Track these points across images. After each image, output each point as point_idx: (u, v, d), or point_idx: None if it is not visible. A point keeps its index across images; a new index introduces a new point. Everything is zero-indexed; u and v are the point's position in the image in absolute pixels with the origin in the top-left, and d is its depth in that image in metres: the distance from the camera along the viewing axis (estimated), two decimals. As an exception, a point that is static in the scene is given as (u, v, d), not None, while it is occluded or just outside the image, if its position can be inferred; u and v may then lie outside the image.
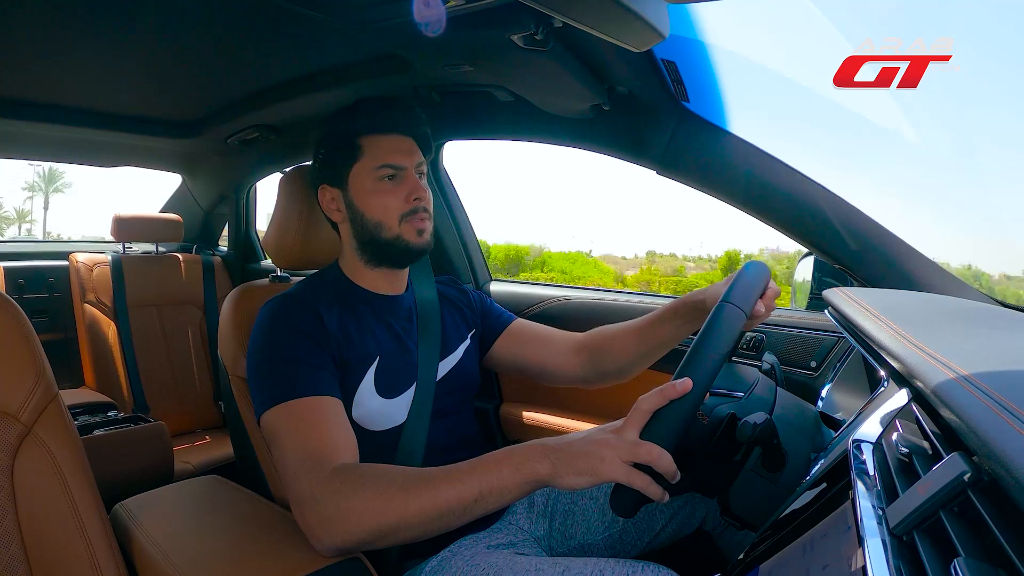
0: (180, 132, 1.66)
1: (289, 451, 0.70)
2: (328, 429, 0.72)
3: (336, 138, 0.89)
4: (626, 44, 0.73)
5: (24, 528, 0.64)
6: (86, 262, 1.92)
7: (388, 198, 0.86)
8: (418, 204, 0.87)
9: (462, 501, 0.62)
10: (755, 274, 0.71)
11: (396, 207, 0.86)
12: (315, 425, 0.72)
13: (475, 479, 0.62)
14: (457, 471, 0.64)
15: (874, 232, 0.93)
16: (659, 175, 1.07)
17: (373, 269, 0.91)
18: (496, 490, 0.62)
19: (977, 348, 0.54)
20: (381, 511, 0.62)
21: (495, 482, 0.62)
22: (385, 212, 0.87)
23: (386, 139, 0.87)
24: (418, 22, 0.78)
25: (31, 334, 0.70)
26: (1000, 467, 0.30)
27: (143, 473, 1.36)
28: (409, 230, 0.87)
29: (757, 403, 0.76)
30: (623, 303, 1.38)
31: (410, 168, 0.88)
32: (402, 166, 0.87)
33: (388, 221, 0.87)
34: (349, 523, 0.63)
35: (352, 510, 0.63)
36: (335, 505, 0.64)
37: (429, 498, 0.62)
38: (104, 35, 1.02)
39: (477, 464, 0.64)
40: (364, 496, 0.63)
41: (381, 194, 0.87)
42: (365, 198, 0.87)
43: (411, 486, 0.63)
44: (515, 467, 0.62)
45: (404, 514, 0.62)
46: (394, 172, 0.87)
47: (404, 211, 0.87)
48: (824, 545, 0.44)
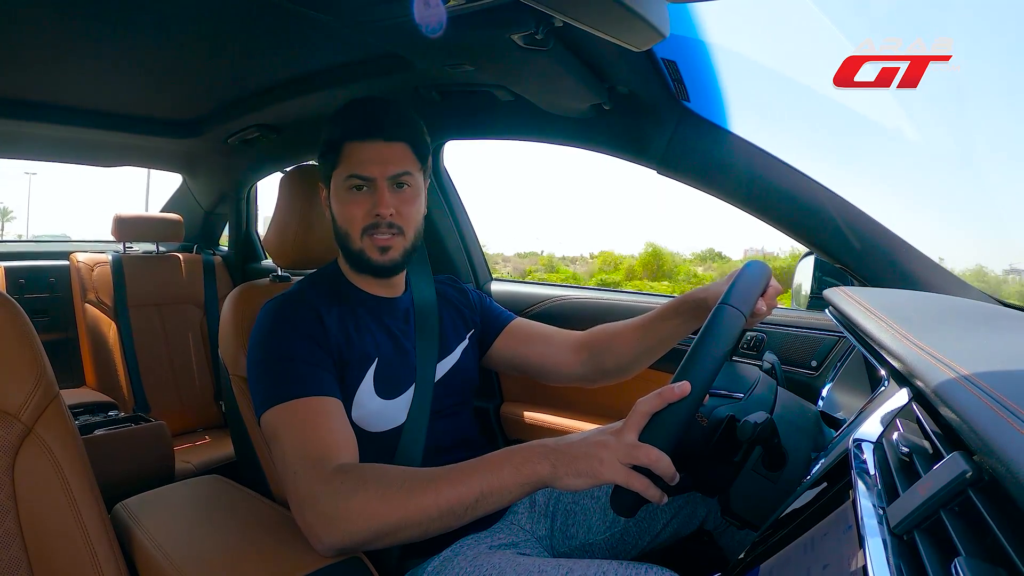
0: (181, 132, 1.66)
1: (289, 451, 0.70)
2: (328, 429, 0.72)
3: (327, 140, 0.87)
4: (627, 44, 0.73)
5: (25, 528, 0.64)
6: (87, 262, 1.92)
7: (352, 209, 0.84)
8: (379, 219, 0.83)
9: (463, 501, 0.62)
10: (755, 273, 0.71)
11: (359, 219, 0.84)
12: (315, 425, 0.72)
13: (476, 479, 0.62)
14: (458, 471, 0.64)
15: (875, 231, 0.93)
16: (659, 174, 1.07)
17: (357, 274, 0.91)
18: (497, 490, 0.62)
19: (978, 347, 0.54)
20: (382, 511, 0.62)
21: (496, 482, 0.62)
22: (349, 223, 0.84)
23: (363, 147, 0.83)
24: (418, 22, 0.78)
25: (32, 334, 0.70)
26: (1001, 466, 0.30)
27: (144, 473, 1.36)
28: (370, 246, 0.84)
29: (757, 403, 0.76)
30: (624, 302, 1.38)
31: (379, 179, 0.83)
32: (369, 177, 0.83)
33: (352, 233, 0.85)
34: (349, 523, 0.63)
35: (352, 510, 0.63)
36: (335, 505, 0.64)
37: (430, 498, 0.62)
38: (105, 35, 1.02)
39: (478, 464, 0.64)
40: (365, 496, 0.63)
41: (347, 205, 0.84)
42: (337, 206, 0.86)
43: (412, 486, 0.63)
44: (516, 468, 0.62)
45: (405, 514, 0.62)
46: (361, 183, 0.83)
47: (365, 224, 0.84)
48: (825, 544, 0.44)
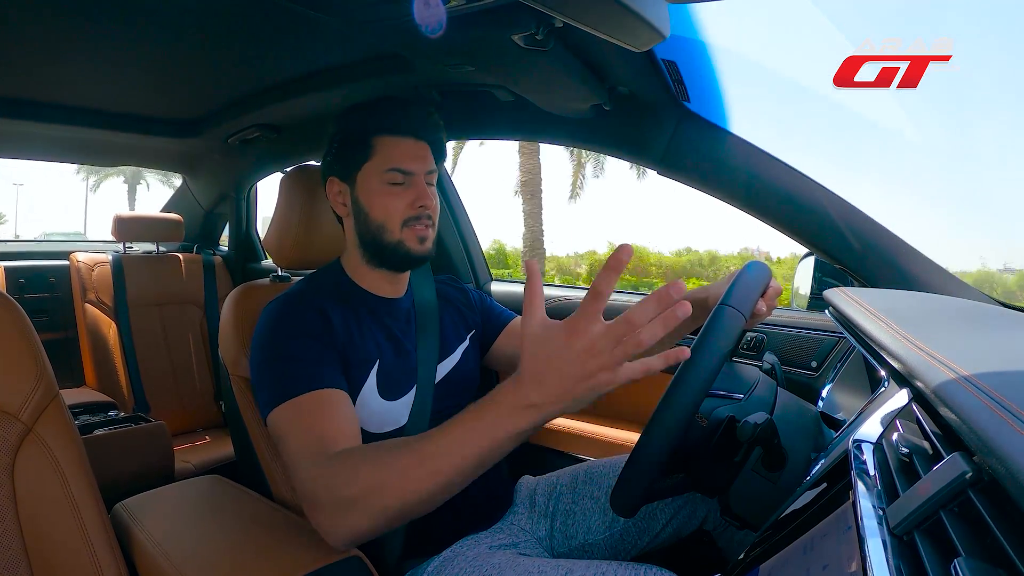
0: (181, 131, 1.66)
1: (294, 448, 0.69)
2: (329, 417, 0.71)
3: (350, 134, 0.88)
4: (627, 44, 0.73)
5: (25, 528, 0.64)
6: (87, 262, 1.92)
7: (393, 201, 0.85)
8: (423, 211, 0.86)
9: (462, 471, 0.57)
10: (755, 274, 0.71)
11: (400, 211, 0.85)
12: (317, 417, 0.71)
13: (470, 447, 0.56)
14: (449, 441, 0.58)
15: (875, 232, 0.93)
16: (660, 175, 1.07)
17: (374, 269, 0.90)
18: (496, 452, 0.56)
19: (978, 348, 0.54)
20: (381, 496, 0.59)
21: (490, 444, 0.56)
22: (389, 215, 0.86)
23: (400, 142, 0.86)
24: (419, 22, 0.78)
25: (32, 334, 0.70)
26: (1000, 467, 0.30)
27: (143, 473, 1.36)
28: (411, 236, 0.86)
29: (757, 403, 0.76)
30: (624, 302, 1.38)
31: (419, 174, 0.86)
32: (412, 171, 0.86)
33: (391, 225, 0.86)
34: (351, 514, 0.61)
35: (351, 500, 0.61)
36: (334, 497, 0.62)
37: (428, 477, 0.58)
38: (105, 35, 1.02)
39: (465, 430, 0.57)
40: (360, 483, 0.60)
41: (387, 196, 0.86)
42: (371, 198, 0.86)
43: (407, 464, 0.59)
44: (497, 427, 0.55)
45: (404, 495, 0.59)
46: (403, 177, 0.86)
47: (407, 216, 0.85)
48: (824, 545, 0.44)
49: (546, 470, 1.05)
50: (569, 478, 0.97)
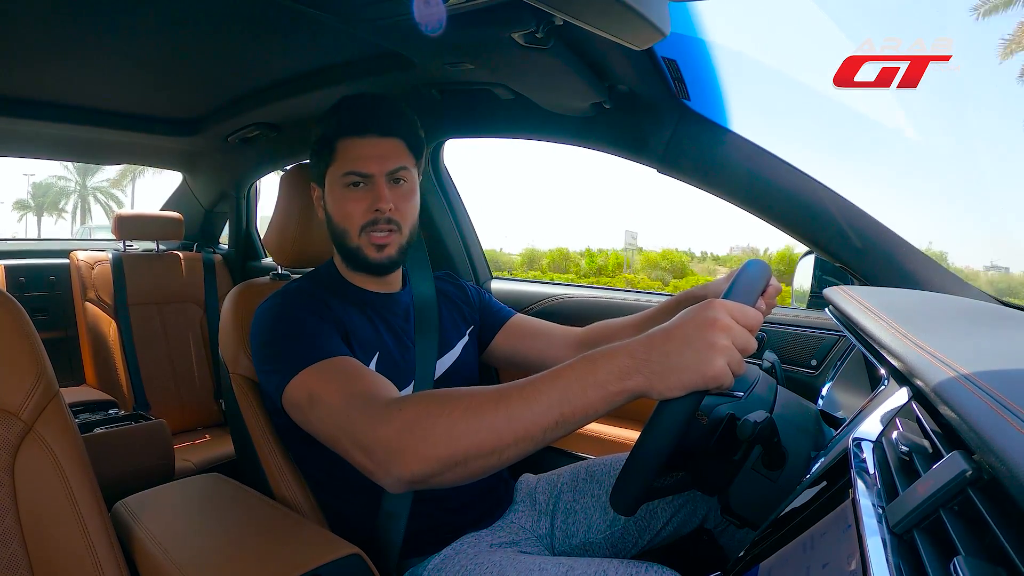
0: (181, 130, 1.66)
1: (336, 401, 0.65)
2: (366, 374, 0.70)
3: (319, 138, 0.87)
4: (627, 42, 0.72)
5: (25, 526, 0.64)
6: (87, 260, 1.92)
7: (351, 206, 0.83)
8: (379, 215, 0.83)
9: (540, 423, 0.54)
10: (755, 273, 0.71)
11: (358, 216, 0.83)
12: (354, 374, 0.69)
13: (555, 398, 0.54)
14: (532, 388, 0.55)
15: (875, 230, 0.93)
16: (660, 173, 1.07)
17: (354, 272, 0.90)
18: (581, 411, 0.54)
19: (977, 347, 0.54)
20: (449, 437, 0.55)
21: (579, 403, 0.53)
22: (348, 220, 0.84)
23: (359, 143, 0.83)
24: (419, 20, 0.78)
25: (32, 332, 0.70)
26: (1000, 465, 0.30)
27: (144, 471, 1.36)
28: (367, 243, 0.84)
29: (757, 402, 0.76)
30: (624, 301, 1.38)
31: (378, 175, 0.83)
32: (368, 173, 0.83)
33: (350, 230, 0.84)
34: (418, 451, 0.56)
35: (419, 438, 0.56)
36: (399, 436, 0.58)
37: (502, 420, 0.54)
38: (105, 33, 1.02)
39: (556, 381, 0.54)
40: (429, 423, 0.56)
41: (345, 201, 0.84)
42: (333, 204, 0.86)
43: (481, 407, 0.55)
44: (601, 386, 0.53)
45: (475, 440, 0.55)
46: (359, 179, 0.83)
47: (364, 222, 0.83)
48: (824, 543, 0.44)
49: (547, 468, 1.05)
50: (570, 476, 0.97)
